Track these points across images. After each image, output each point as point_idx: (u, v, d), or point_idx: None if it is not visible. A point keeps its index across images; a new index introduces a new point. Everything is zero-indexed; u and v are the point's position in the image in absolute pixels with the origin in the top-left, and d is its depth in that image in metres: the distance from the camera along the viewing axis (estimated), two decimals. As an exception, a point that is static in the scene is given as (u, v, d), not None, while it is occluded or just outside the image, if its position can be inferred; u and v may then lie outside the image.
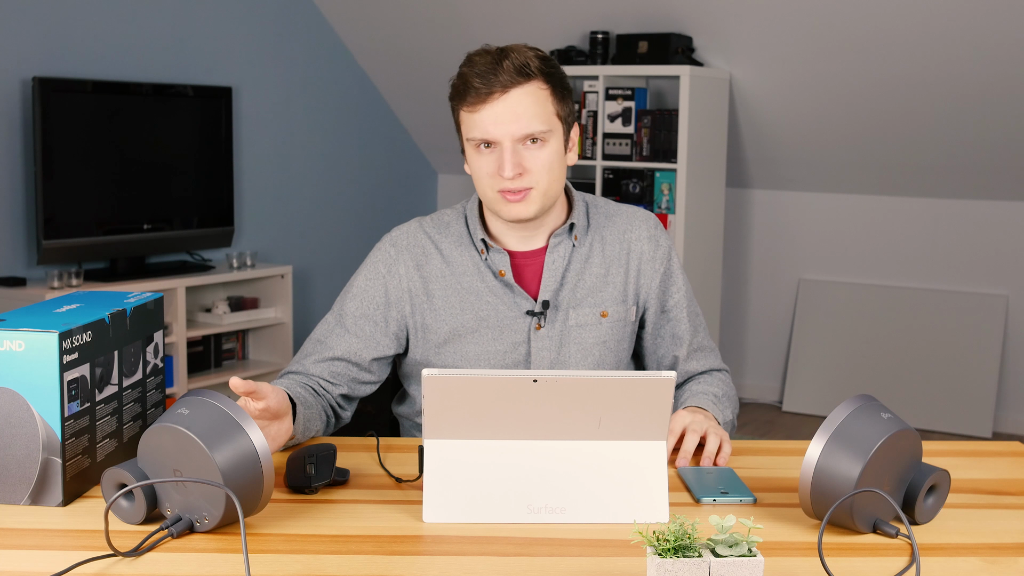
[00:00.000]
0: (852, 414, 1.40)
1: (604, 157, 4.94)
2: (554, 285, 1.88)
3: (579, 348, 1.88)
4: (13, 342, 1.43)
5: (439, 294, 1.88)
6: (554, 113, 1.80)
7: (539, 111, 1.77)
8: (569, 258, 1.89)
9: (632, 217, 1.96)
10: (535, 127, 1.77)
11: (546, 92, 1.79)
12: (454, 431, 1.46)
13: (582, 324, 1.88)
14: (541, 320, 1.87)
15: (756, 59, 4.79)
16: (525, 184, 1.78)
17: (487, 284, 1.87)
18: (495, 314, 1.87)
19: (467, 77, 1.78)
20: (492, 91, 1.75)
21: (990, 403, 4.95)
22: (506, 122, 1.76)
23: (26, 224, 4.31)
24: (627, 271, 1.92)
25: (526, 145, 1.78)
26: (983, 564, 1.33)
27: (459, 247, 1.90)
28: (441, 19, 5.23)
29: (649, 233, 1.94)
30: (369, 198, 5.82)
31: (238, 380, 1.52)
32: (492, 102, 1.76)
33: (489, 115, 1.76)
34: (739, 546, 1.19)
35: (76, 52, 4.42)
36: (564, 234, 1.89)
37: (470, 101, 1.77)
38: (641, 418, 1.45)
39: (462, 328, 1.87)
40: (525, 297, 1.87)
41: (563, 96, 1.82)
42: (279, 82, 5.28)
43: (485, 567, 1.30)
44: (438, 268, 1.89)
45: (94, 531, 1.38)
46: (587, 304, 1.89)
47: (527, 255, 1.89)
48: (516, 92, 1.76)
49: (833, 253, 5.32)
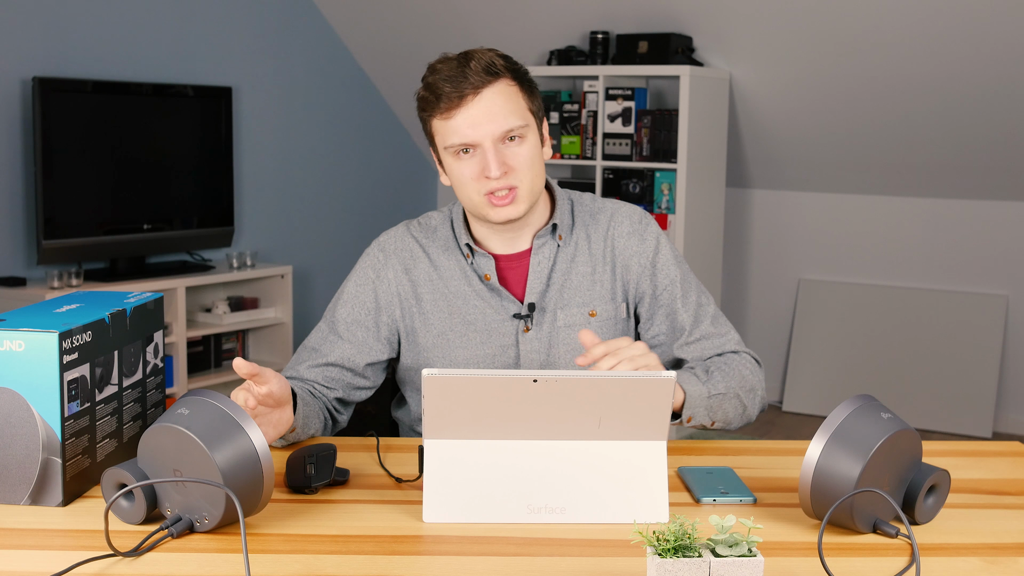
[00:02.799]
0: (852, 414, 1.40)
1: (604, 157, 4.94)
2: (540, 287, 1.87)
3: (568, 349, 1.87)
4: (13, 342, 1.43)
5: (427, 298, 1.88)
6: (527, 108, 1.80)
7: (514, 107, 1.77)
8: (554, 258, 1.88)
9: (615, 213, 1.93)
10: (513, 123, 1.76)
11: (515, 88, 1.78)
12: (454, 431, 1.46)
13: (570, 324, 1.87)
14: (528, 322, 1.86)
15: (756, 59, 4.79)
16: (511, 182, 1.77)
17: (474, 288, 1.87)
18: (482, 318, 1.86)
19: (435, 84, 1.76)
20: (464, 94, 1.74)
21: (990, 403, 4.95)
22: (484, 122, 1.75)
23: (26, 224, 4.31)
24: (614, 268, 1.90)
25: (506, 144, 1.77)
26: (983, 564, 1.33)
27: (446, 252, 1.89)
28: (441, 19, 5.23)
29: (632, 228, 1.91)
30: (369, 198, 5.82)
31: (242, 361, 1.52)
32: (466, 105, 1.75)
33: (465, 118, 1.75)
34: (739, 546, 1.19)
35: (76, 52, 4.42)
36: (547, 235, 1.88)
37: (443, 107, 1.76)
38: (641, 418, 1.45)
39: (450, 332, 1.87)
40: (511, 300, 1.87)
41: (531, 91, 1.82)
42: (279, 82, 5.28)
43: (485, 567, 1.30)
44: (426, 272, 1.89)
45: (94, 531, 1.38)
46: (575, 304, 1.88)
47: (512, 258, 1.89)
48: (488, 92, 1.75)
49: (833, 253, 5.32)
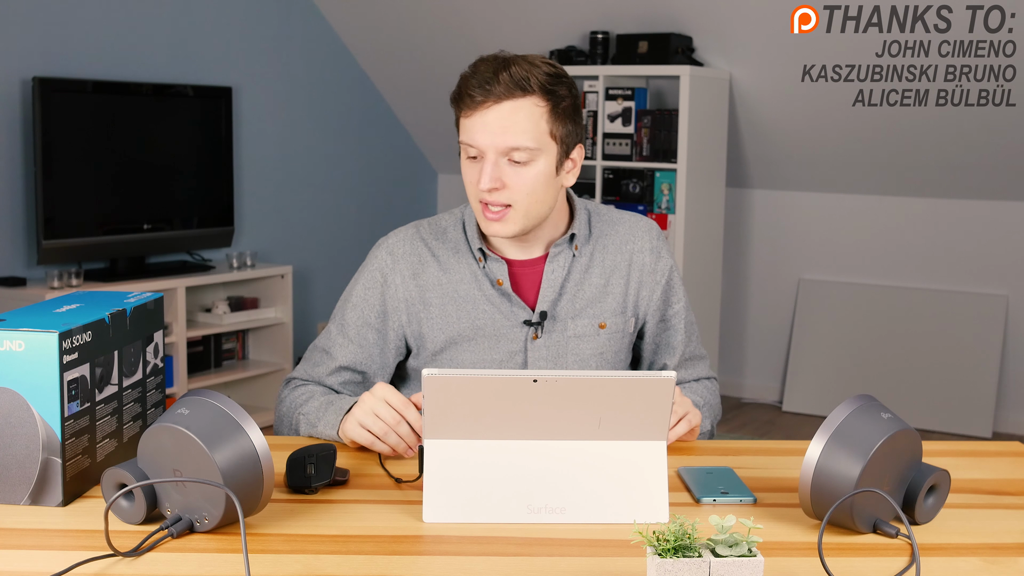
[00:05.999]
0: (852, 414, 1.40)
1: (604, 157, 4.94)
2: (552, 296, 1.86)
3: (576, 359, 1.87)
4: (13, 342, 1.43)
5: (436, 303, 1.86)
6: (547, 132, 1.75)
7: (529, 127, 1.73)
8: (569, 268, 1.87)
9: (635, 227, 1.93)
10: (520, 142, 1.72)
11: (543, 110, 1.74)
12: (454, 431, 1.45)
13: (580, 335, 1.87)
14: (538, 331, 1.85)
15: (756, 59, 4.79)
16: (503, 200, 1.75)
17: (484, 293, 1.86)
18: (491, 323, 1.85)
19: (466, 82, 1.75)
20: (486, 100, 1.72)
21: (990, 403, 4.95)
22: (492, 133, 1.72)
23: (26, 224, 4.31)
24: (627, 282, 1.90)
25: (510, 162, 1.74)
26: (983, 564, 1.33)
27: (456, 255, 1.87)
28: (442, 19, 5.23)
29: (652, 245, 1.92)
30: (369, 198, 5.82)
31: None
32: (483, 111, 1.73)
33: (478, 123, 1.73)
34: (739, 546, 1.19)
35: (76, 52, 4.42)
36: (564, 244, 1.87)
37: (465, 105, 1.75)
38: (641, 418, 1.45)
39: (458, 337, 1.86)
40: (522, 307, 1.86)
41: (563, 116, 1.76)
42: (279, 82, 5.28)
43: (485, 567, 1.30)
44: (435, 276, 1.87)
45: (94, 531, 1.37)
46: (586, 315, 1.87)
47: (525, 264, 1.88)
48: (509, 105, 1.72)
49: (833, 253, 5.32)
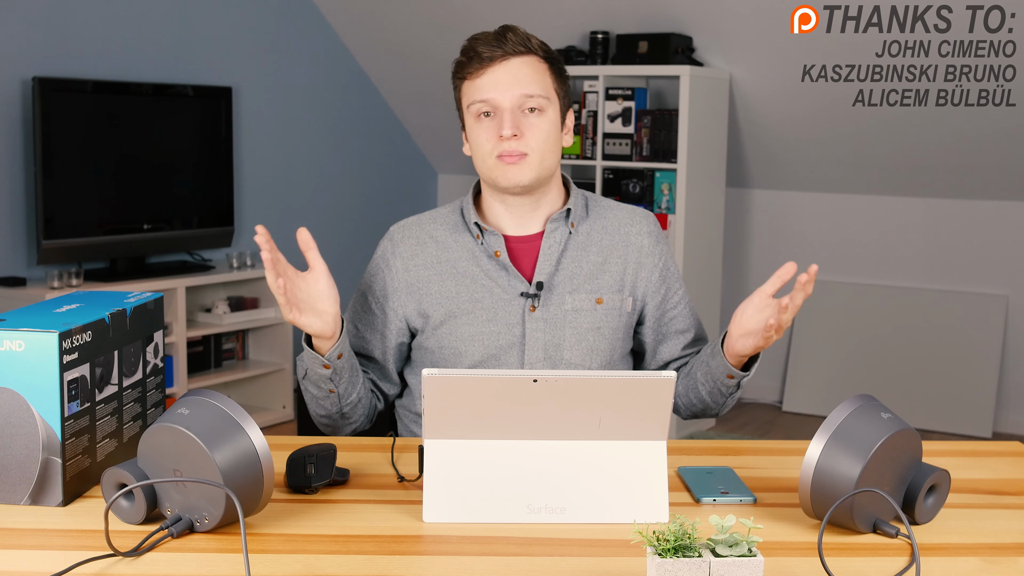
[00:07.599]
0: (852, 414, 1.40)
1: (604, 157, 4.93)
2: (549, 268, 1.90)
3: (574, 332, 1.89)
4: (13, 342, 1.43)
5: (435, 280, 1.91)
6: (551, 87, 1.88)
7: (539, 79, 1.86)
8: (565, 244, 1.92)
9: (633, 213, 1.99)
10: (534, 90, 1.84)
11: (545, 67, 1.88)
12: (454, 431, 1.46)
13: (577, 309, 1.90)
14: (535, 302, 1.88)
15: (756, 59, 4.79)
16: (522, 148, 1.84)
17: (482, 268, 1.90)
18: (489, 295, 1.89)
19: (471, 46, 1.87)
20: (495, 56, 1.84)
21: (990, 403, 4.95)
22: (507, 85, 1.84)
23: (26, 224, 4.31)
24: (625, 262, 1.94)
25: (524, 113, 1.84)
26: (983, 564, 1.33)
27: (454, 233, 1.94)
28: (441, 19, 5.23)
29: (649, 229, 1.98)
30: (369, 198, 5.82)
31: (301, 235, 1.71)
32: (494, 67, 1.84)
33: (490, 80, 1.84)
34: (739, 546, 1.19)
35: (76, 52, 4.42)
36: (561, 220, 1.92)
37: (473, 68, 1.85)
38: (641, 418, 1.45)
39: (457, 310, 1.89)
40: (519, 279, 1.89)
41: (560, 77, 1.90)
42: (279, 82, 5.28)
43: (485, 567, 1.30)
44: (433, 255, 1.92)
45: (94, 531, 1.37)
46: (583, 290, 1.90)
47: (522, 239, 1.92)
48: (517, 60, 1.85)
49: (833, 253, 5.32)
